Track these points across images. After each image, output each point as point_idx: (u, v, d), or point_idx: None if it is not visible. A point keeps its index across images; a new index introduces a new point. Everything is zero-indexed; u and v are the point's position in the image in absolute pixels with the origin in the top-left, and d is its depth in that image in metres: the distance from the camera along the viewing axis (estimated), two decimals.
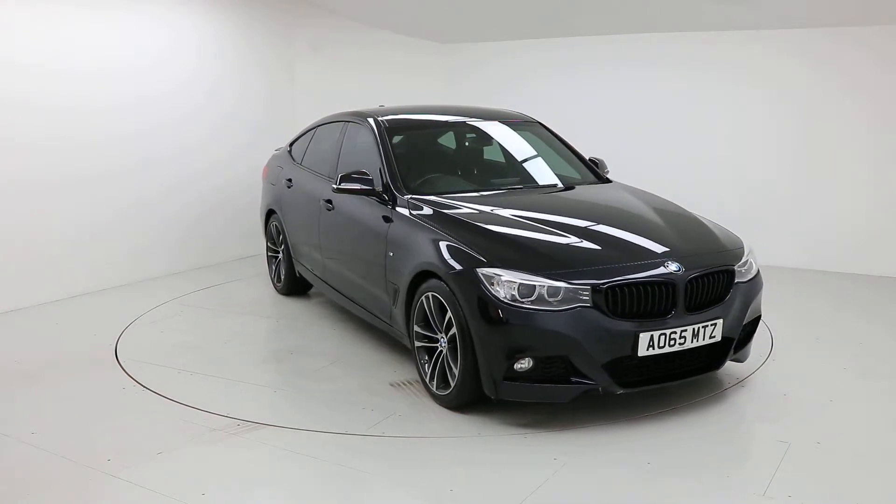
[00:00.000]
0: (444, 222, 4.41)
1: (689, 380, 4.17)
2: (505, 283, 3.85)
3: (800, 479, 3.43)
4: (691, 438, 3.88)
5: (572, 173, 5.54)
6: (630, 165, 8.22)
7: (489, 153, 5.80)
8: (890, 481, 3.44)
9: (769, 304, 6.19)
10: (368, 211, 4.99)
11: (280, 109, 8.55)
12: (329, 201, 5.53)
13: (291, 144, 6.78)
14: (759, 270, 4.49)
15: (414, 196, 4.80)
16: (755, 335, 4.54)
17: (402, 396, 4.43)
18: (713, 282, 4.09)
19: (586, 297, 3.81)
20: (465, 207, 4.64)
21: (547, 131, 5.87)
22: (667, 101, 8.03)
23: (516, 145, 5.81)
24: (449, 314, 4.06)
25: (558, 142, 5.78)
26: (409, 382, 4.61)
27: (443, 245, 4.22)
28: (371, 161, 5.19)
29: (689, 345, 3.95)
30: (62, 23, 6.31)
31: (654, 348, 3.86)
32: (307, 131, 6.58)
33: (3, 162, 6.01)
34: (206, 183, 7.72)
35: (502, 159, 5.75)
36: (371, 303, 5.02)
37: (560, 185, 5.32)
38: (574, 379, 3.85)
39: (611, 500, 3.32)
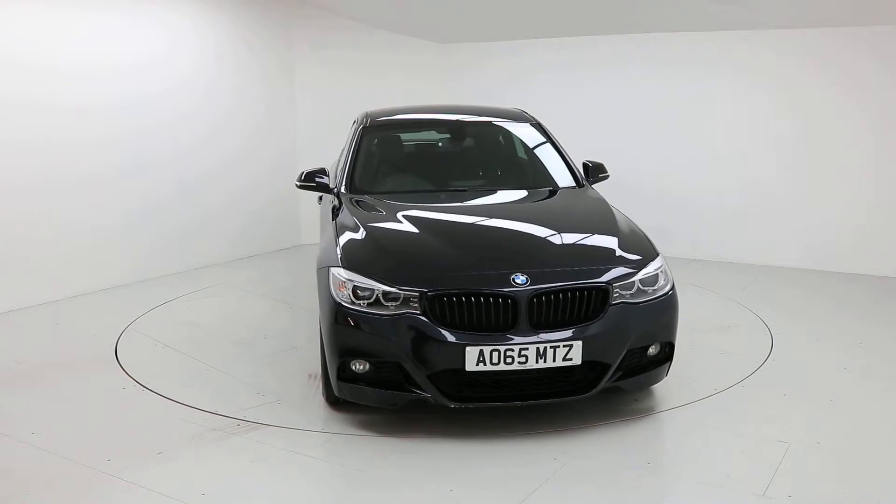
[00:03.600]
0: (347, 221, 4.47)
1: (546, 402, 3.89)
2: (345, 284, 3.85)
3: (800, 479, 3.44)
4: (691, 438, 3.88)
5: (547, 177, 5.34)
6: (630, 166, 8.23)
7: (468, 154, 5.78)
8: (890, 481, 3.44)
9: (770, 304, 6.23)
10: (328, 207, 5.13)
11: (280, 110, 8.55)
12: (321, 197, 5.62)
13: None
14: (672, 292, 4.06)
15: (354, 195, 4.92)
16: (668, 364, 4.12)
17: (305, 388, 4.50)
18: (572, 299, 3.77)
19: (415, 304, 3.72)
20: (382, 208, 4.66)
21: (540, 131, 5.68)
22: (667, 101, 8.03)
23: (500, 147, 5.81)
24: None
25: (549, 143, 5.60)
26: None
27: (330, 243, 4.31)
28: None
29: (532, 365, 3.67)
30: (62, 23, 6.31)
31: (484, 364, 3.64)
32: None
33: (3, 162, 6.01)
34: (208, 182, 7.71)
35: (476, 160, 5.72)
36: None
37: (513, 188, 5.19)
38: (408, 386, 3.77)
39: (611, 501, 3.32)
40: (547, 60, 8.65)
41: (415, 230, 4.28)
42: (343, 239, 4.24)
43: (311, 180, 5.12)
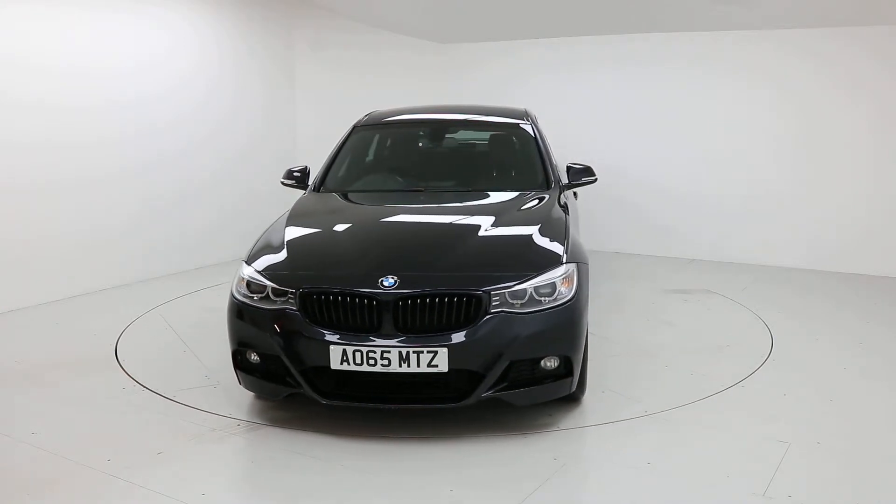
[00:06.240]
0: (280, 219, 4.60)
1: (419, 407, 3.88)
2: (244, 279, 4.02)
3: (800, 479, 3.43)
4: (691, 438, 3.88)
5: (518, 179, 5.30)
6: (630, 166, 8.25)
7: (445, 155, 5.82)
8: (890, 481, 3.44)
9: (770, 304, 6.23)
10: None
11: (280, 110, 8.55)
12: None
13: None
14: (570, 303, 3.80)
15: (320, 193, 5.11)
16: (571, 380, 3.86)
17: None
18: (440, 305, 3.67)
19: (293, 300, 3.80)
20: (326, 207, 4.82)
21: (530, 132, 5.52)
22: (667, 101, 8.04)
23: (481, 148, 5.84)
24: None
25: (534, 144, 5.43)
26: None
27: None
28: None
29: (396, 368, 3.63)
30: (62, 23, 6.31)
31: (348, 364, 3.66)
32: None
33: (3, 162, 6.01)
34: (209, 183, 7.72)
35: (451, 162, 5.75)
36: None
37: (474, 190, 5.12)
38: (288, 380, 3.85)
39: (611, 500, 3.32)
40: (547, 60, 8.65)
41: (328, 230, 4.39)
42: (263, 236, 4.40)
43: (293, 178, 5.34)
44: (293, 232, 4.34)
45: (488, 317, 3.68)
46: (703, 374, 4.72)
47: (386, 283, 3.71)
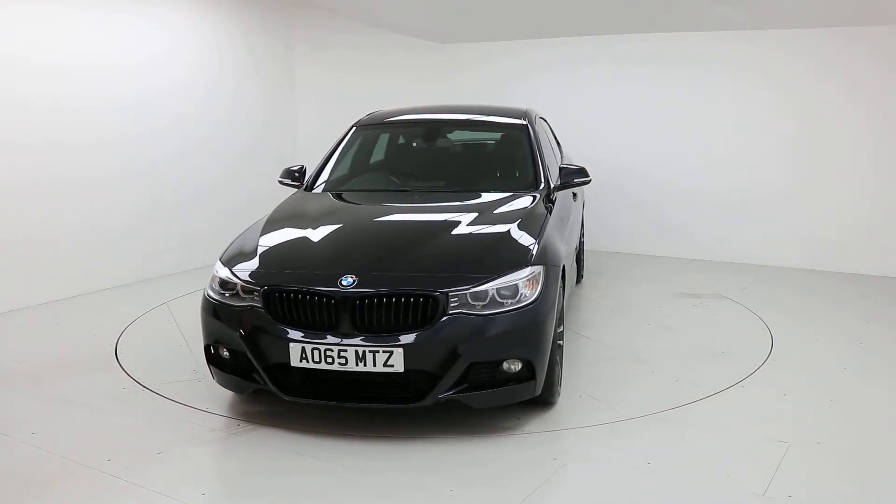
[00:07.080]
0: (262, 219, 4.68)
1: (378, 406, 3.84)
2: (216, 277, 4.11)
3: (800, 479, 3.44)
4: (691, 438, 3.88)
5: (508, 180, 5.28)
6: (629, 166, 8.25)
7: (438, 156, 5.83)
8: (890, 481, 3.45)
9: (770, 304, 6.23)
10: None
11: (280, 110, 8.55)
12: None
13: None
14: (532, 305, 3.76)
15: (313, 193, 5.21)
16: (534, 383, 3.81)
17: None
18: (396, 305, 3.67)
19: (258, 297, 3.86)
20: (308, 207, 4.87)
21: (526, 133, 5.48)
22: (667, 100, 8.03)
23: (474, 149, 5.89)
24: None
25: (528, 145, 5.38)
26: None
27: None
28: None
29: (353, 367, 3.65)
30: (62, 23, 6.31)
31: (307, 361, 3.70)
32: None
33: (3, 162, 6.01)
34: (209, 183, 7.71)
35: (444, 162, 5.77)
36: None
37: (463, 191, 5.08)
38: (254, 375, 3.90)
39: (611, 500, 3.32)
40: (547, 60, 8.64)
41: (303, 229, 4.39)
42: (241, 235, 4.49)
43: (291, 177, 5.40)
44: (269, 231, 4.42)
45: (446, 318, 3.67)
46: (689, 379, 4.67)
47: (345, 283, 3.75)
